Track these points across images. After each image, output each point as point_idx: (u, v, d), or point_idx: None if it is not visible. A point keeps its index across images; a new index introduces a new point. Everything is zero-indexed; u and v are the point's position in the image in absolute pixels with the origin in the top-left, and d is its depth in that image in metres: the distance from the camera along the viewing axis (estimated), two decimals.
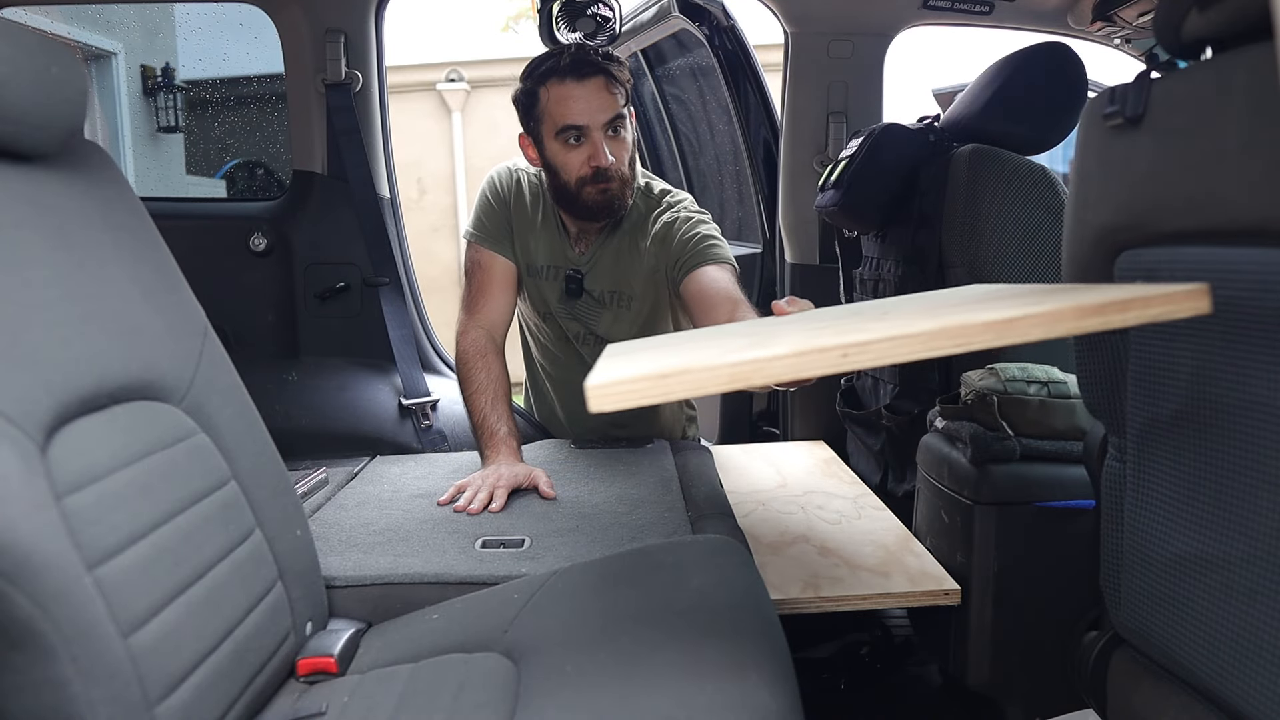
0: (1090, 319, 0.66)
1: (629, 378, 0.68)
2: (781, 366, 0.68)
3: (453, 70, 6.67)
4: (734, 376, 0.68)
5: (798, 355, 0.67)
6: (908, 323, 0.69)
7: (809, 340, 0.69)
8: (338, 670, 1.02)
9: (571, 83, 1.58)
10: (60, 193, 0.91)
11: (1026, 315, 0.65)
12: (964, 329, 0.66)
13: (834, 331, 0.73)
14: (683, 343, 0.95)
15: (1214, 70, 0.82)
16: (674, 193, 1.77)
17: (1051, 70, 1.72)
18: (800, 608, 1.30)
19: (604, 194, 1.63)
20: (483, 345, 1.69)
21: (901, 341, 0.66)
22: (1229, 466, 0.81)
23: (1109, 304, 0.66)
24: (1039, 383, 1.37)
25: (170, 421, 0.93)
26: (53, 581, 0.69)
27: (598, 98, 1.58)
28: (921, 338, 0.66)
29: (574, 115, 1.58)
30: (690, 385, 0.68)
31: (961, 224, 1.68)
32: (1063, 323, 0.65)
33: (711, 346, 0.82)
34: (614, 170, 1.61)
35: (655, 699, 0.81)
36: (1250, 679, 0.78)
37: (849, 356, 0.66)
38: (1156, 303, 0.66)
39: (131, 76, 4.15)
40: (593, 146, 1.60)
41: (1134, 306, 0.66)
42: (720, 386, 0.68)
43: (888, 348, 0.66)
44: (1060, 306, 0.65)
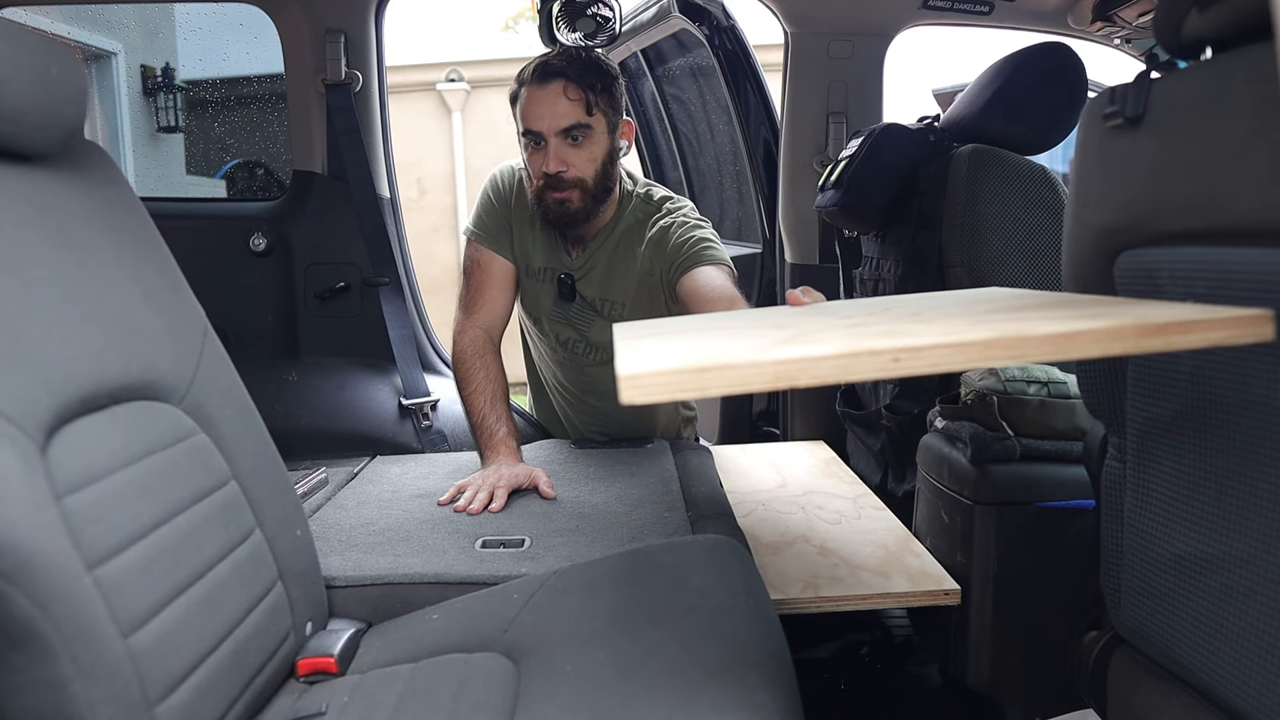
0: (1152, 338, 0.63)
1: (664, 369, 0.63)
2: (830, 367, 0.63)
3: (453, 70, 6.67)
4: (778, 375, 0.63)
5: (848, 356, 0.63)
6: (960, 329, 0.66)
7: (858, 341, 0.64)
8: (338, 670, 1.02)
9: (534, 86, 1.59)
10: (60, 193, 0.91)
11: (1088, 330, 0.62)
12: (1022, 340, 0.63)
13: (882, 333, 0.68)
14: (705, 329, 0.87)
15: (1214, 70, 0.82)
16: (675, 199, 1.77)
17: (1051, 70, 1.72)
18: (800, 608, 1.30)
19: (560, 204, 1.62)
20: (481, 345, 1.69)
21: (958, 349, 0.62)
22: (1229, 466, 0.81)
23: (1172, 324, 0.63)
24: (1039, 383, 1.37)
25: (170, 421, 0.93)
26: (53, 581, 0.70)
27: (555, 104, 1.57)
28: (978, 346, 0.62)
29: (531, 120, 1.59)
30: (731, 382, 0.63)
31: (961, 224, 1.68)
32: (1124, 341, 0.62)
33: (745, 338, 0.75)
34: (568, 178, 1.60)
35: (655, 699, 0.81)
36: (1250, 679, 0.78)
37: (900, 362, 0.62)
38: (1221, 326, 0.63)
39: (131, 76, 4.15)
40: (545, 153, 1.59)
41: (1197, 329, 0.63)
42: (763, 385, 0.63)
43: (944, 354, 0.62)
44: (1123, 323, 0.62)
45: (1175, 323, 0.63)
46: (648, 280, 1.73)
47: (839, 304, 1.00)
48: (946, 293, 1.02)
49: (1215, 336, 0.63)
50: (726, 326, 0.87)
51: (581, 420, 1.91)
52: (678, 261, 1.65)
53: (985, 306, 0.81)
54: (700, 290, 1.57)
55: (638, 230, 1.73)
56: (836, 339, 0.67)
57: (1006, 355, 0.62)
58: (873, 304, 0.95)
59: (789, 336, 0.71)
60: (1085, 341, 0.62)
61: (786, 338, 0.70)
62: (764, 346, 0.67)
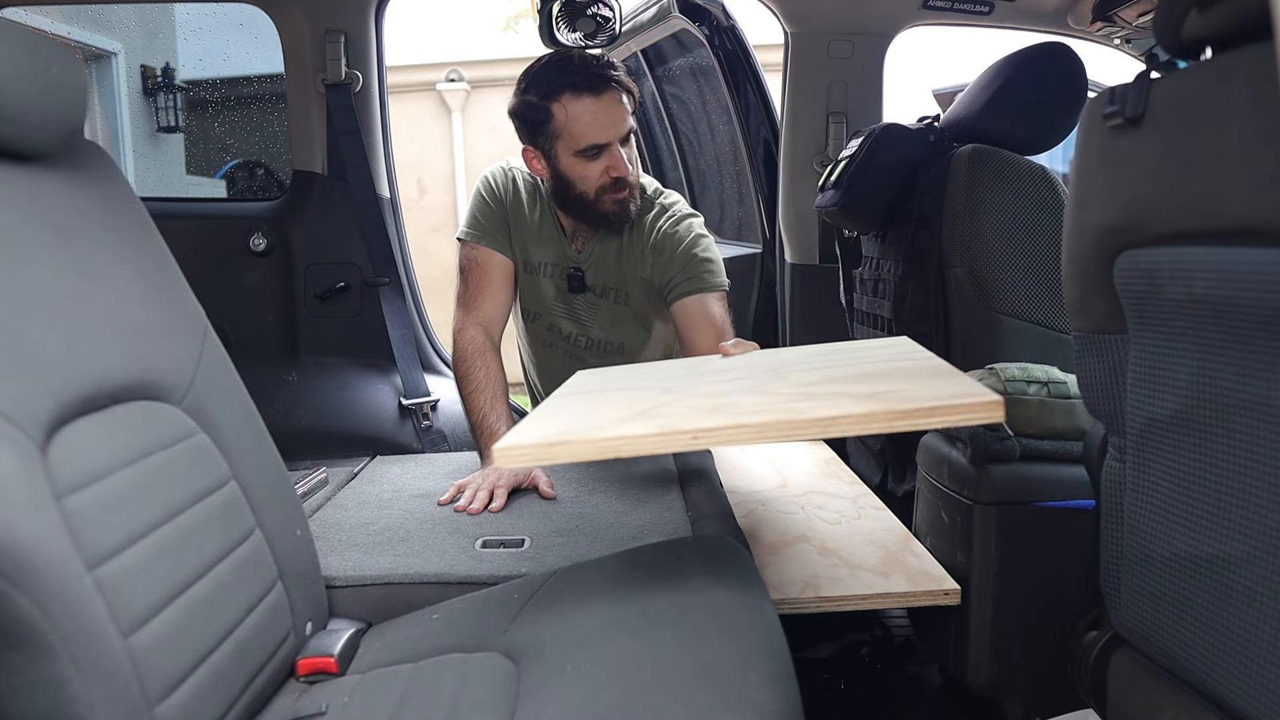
0: (899, 421, 0.82)
1: (523, 443, 0.86)
2: (646, 444, 0.86)
3: (453, 70, 6.66)
4: (604, 449, 0.84)
5: (658, 436, 0.85)
6: (758, 409, 0.89)
7: (672, 422, 0.87)
8: (338, 670, 1.02)
9: (589, 99, 1.57)
10: (60, 193, 0.91)
11: (847, 415, 0.82)
12: (793, 423, 0.84)
13: (708, 409, 0.94)
14: (605, 389, 1.13)
15: (1214, 70, 0.82)
16: (665, 193, 1.78)
17: (1051, 70, 1.72)
18: (800, 608, 1.30)
19: (620, 203, 1.65)
20: (480, 343, 1.69)
21: (740, 430, 0.83)
22: (1229, 466, 0.81)
23: (916, 410, 0.82)
24: (1039, 383, 1.36)
25: (170, 421, 0.93)
26: (53, 581, 0.69)
27: (616, 112, 1.59)
28: (755, 428, 0.83)
29: (598, 134, 1.59)
30: (570, 453, 0.85)
31: (961, 224, 1.68)
32: (876, 423, 0.82)
33: (615, 406, 1.00)
34: (629, 179, 1.64)
35: (655, 699, 0.81)
36: (1250, 679, 0.78)
37: (698, 439, 0.84)
38: (959, 411, 0.82)
39: (131, 76, 4.15)
40: (612, 159, 1.61)
41: (940, 413, 0.82)
42: (594, 457, 0.85)
43: (731, 434, 0.83)
44: (875, 409, 0.82)
45: (920, 409, 0.82)
46: (645, 280, 1.75)
47: (739, 362, 1.26)
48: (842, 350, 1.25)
49: (954, 419, 0.82)
50: (622, 388, 1.14)
51: None
52: (676, 281, 1.70)
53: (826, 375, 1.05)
54: (692, 319, 1.67)
55: (637, 223, 1.73)
56: (671, 415, 0.91)
57: (780, 435, 0.84)
58: (770, 364, 1.19)
59: (645, 409, 0.95)
60: (845, 424, 0.83)
61: (641, 411, 0.94)
62: (610, 423, 0.91)
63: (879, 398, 0.87)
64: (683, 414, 0.92)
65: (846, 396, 0.90)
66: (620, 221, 1.69)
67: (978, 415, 0.82)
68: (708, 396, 1.02)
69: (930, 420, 0.82)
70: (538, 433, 0.89)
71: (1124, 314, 0.94)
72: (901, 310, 1.84)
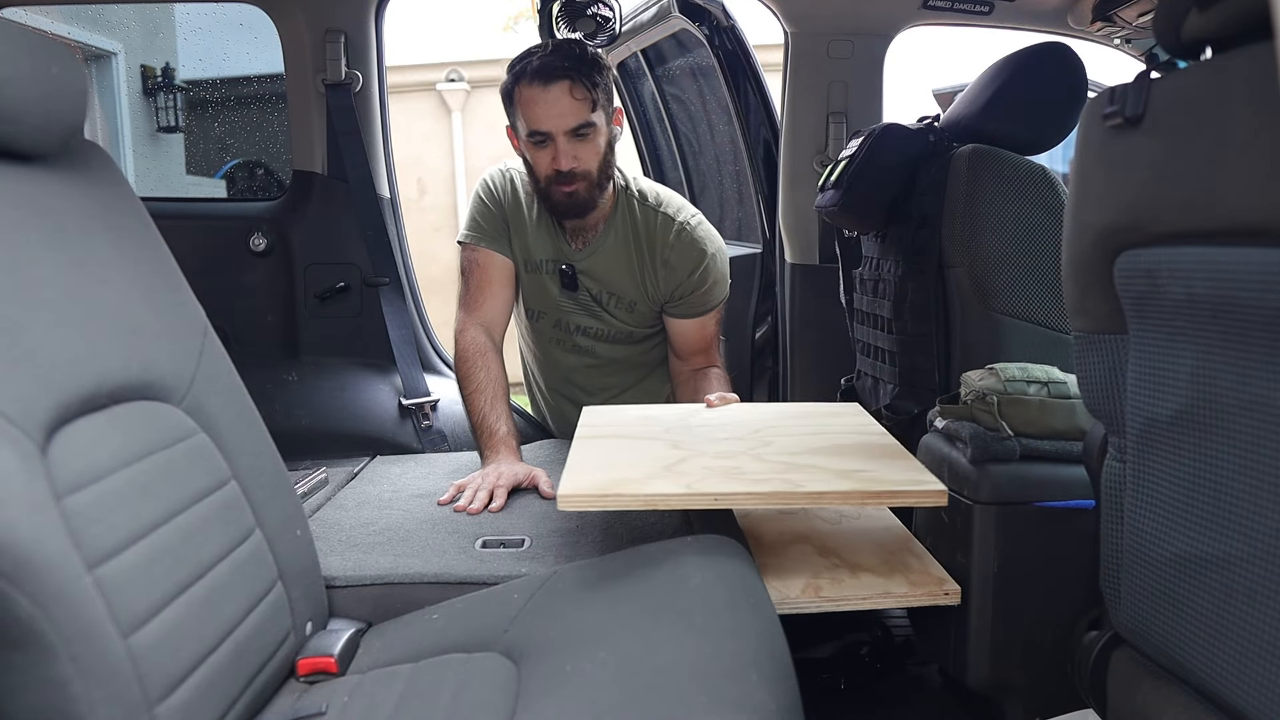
0: (870, 500, 1.20)
1: (584, 493, 1.11)
2: (677, 501, 1.14)
3: (453, 70, 6.66)
4: (646, 503, 1.12)
5: (689, 495, 1.13)
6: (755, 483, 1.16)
7: (696, 486, 1.14)
8: (338, 670, 1.02)
9: (537, 87, 1.59)
10: (60, 193, 0.91)
11: (831, 492, 1.16)
12: (791, 495, 1.15)
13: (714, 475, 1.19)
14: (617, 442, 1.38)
15: (1214, 70, 0.82)
16: (667, 201, 1.78)
17: (1051, 70, 1.72)
18: (800, 608, 1.30)
19: (569, 196, 1.66)
20: (482, 344, 1.70)
21: (750, 497, 1.14)
22: (1229, 466, 0.81)
23: (883, 493, 1.17)
24: (1039, 383, 1.36)
25: (170, 421, 0.93)
26: (53, 581, 0.69)
27: (561, 104, 1.59)
28: (762, 496, 1.14)
29: (538, 121, 1.60)
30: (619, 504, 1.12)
31: (961, 224, 1.68)
32: (852, 500, 1.22)
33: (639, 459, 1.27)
34: (577, 173, 1.63)
35: (655, 699, 0.81)
36: (1250, 679, 0.78)
37: (719, 501, 1.13)
38: (913, 496, 1.17)
39: (131, 76, 4.15)
40: (555, 150, 1.61)
41: (899, 497, 1.18)
42: (637, 508, 1.16)
43: (742, 499, 1.14)
44: (852, 489, 1.17)
45: (885, 492, 1.16)
46: (648, 288, 1.76)
47: (724, 418, 1.52)
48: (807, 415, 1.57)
49: (910, 502, 1.19)
50: (634, 436, 1.39)
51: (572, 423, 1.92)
52: (677, 302, 1.77)
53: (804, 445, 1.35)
54: (685, 337, 1.83)
55: (644, 233, 1.74)
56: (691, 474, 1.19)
57: (779, 503, 1.20)
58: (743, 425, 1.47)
59: (668, 465, 1.23)
60: (829, 499, 1.19)
61: (666, 467, 1.22)
62: (646, 477, 1.18)
63: (854, 477, 1.18)
64: (700, 475, 1.18)
65: (828, 473, 1.20)
66: (569, 214, 1.70)
67: (928, 501, 1.16)
68: (716, 457, 1.27)
69: (892, 501, 1.19)
70: (591, 482, 1.13)
71: (1124, 314, 0.94)
72: (901, 310, 1.84)
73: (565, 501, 1.09)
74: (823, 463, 1.24)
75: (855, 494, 1.14)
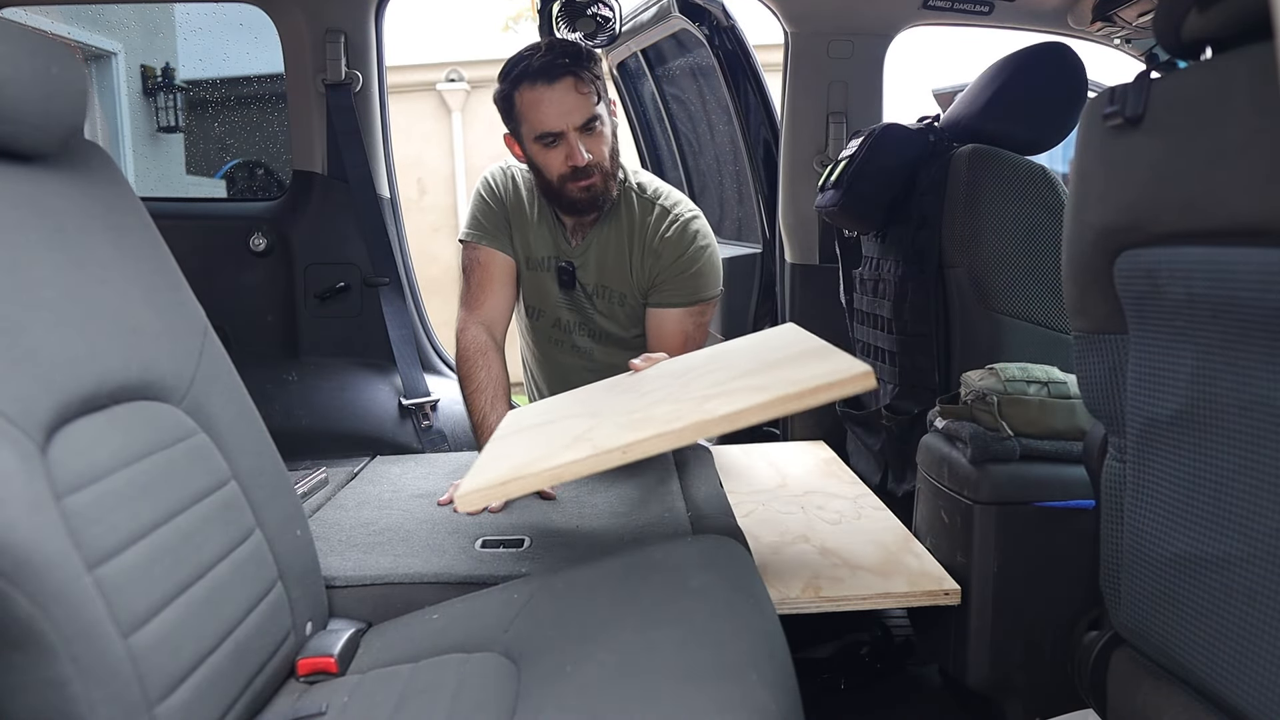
0: (791, 404, 0.96)
1: (481, 487, 1.02)
2: (584, 466, 1.00)
3: (453, 70, 6.66)
4: (551, 478, 1.02)
5: (595, 456, 0.99)
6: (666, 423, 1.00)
7: (601, 444, 1.01)
8: (338, 670, 1.02)
9: (542, 87, 1.58)
10: (60, 193, 0.91)
11: (747, 408, 0.96)
12: (705, 424, 0.98)
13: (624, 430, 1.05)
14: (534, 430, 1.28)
15: (1214, 70, 0.82)
16: (666, 194, 1.78)
17: (1051, 70, 1.72)
18: (800, 608, 1.30)
19: (586, 190, 1.65)
20: (483, 343, 1.70)
21: (661, 439, 0.98)
22: (1229, 466, 0.81)
23: (802, 393, 0.96)
24: (1039, 383, 1.36)
25: (170, 421, 0.93)
26: (53, 581, 0.69)
27: (568, 100, 1.59)
28: (674, 434, 0.98)
29: (547, 121, 1.60)
30: (523, 487, 1.02)
31: (961, 224, 1.68)
32: (772, 410, 0.96)
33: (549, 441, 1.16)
34: (593, 166, 1.63)
35: (655, 699, 0.81)
36: (1250, 679, 0.78)
37: (628, 453, 0.98)
38: (836, 387, 0.95)
39: (131, 76, 4.15)
40: (569, 147, 1.61)
41: (821, 391, 0.96)
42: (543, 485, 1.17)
43: (654, 443, 0.99)
44: (768, 399, 0.97)
45: (805, 390, 0.95)
46: (634, 278, 1.75)
47: (652, 373, 1.39)
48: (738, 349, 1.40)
49: (834, 394, 0.95)
50: (555, 420, 1.28)
51: None
52: (658, 291, 1.73)
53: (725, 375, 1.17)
54: (655, 326, 1.75)
55: (638, 225, 1.73)
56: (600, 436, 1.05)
57: (695, 435, 0.99)
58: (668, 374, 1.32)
59: (577, 436, 1.10)
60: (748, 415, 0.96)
61: (575, 437, 1.10)
62: (551, 453, 1.07)
63: (769, 388, 1.00)
64: (611, 434, 1.05)
65: (744, 391, 1.04)
66: (589, 209, 1.69)
67: (853, 387, 0.96)
68: (629, 413, 1.14)
69: (816, 398, 0.96)
70: (490, 474, 1.03)
71: (1124, 314, 0.94)
72: (901, 310, 1.84)
73: (464, 500, 1.02)
74: (740, 384, 1.11)
75: (774, 402, 0.97)
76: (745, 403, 0.97)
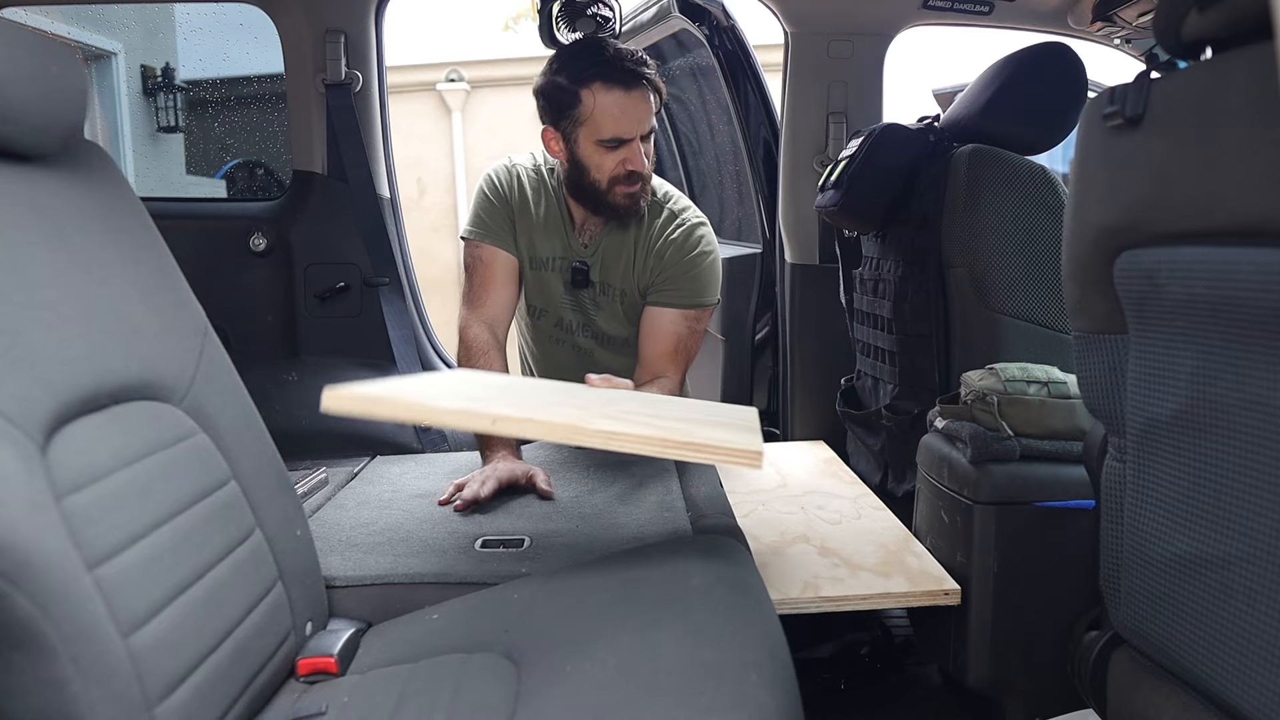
0: (670, 449, 0.94)
1: (351, 393, 0.96)
2: (449, 418, 0.99)
3: (453, 70, 6.66)
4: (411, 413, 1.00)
5: (462, 413, 0.97)
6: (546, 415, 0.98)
7: (477, 407, 0.98)
8: (338, 670, 1.02)
9: (620, 92, 1.59)
10: (60, 193, 0.91)
11: (625, 434, 0.94)
12: (578, 429, 0.94)
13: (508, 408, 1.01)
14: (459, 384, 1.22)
15: (1214, 70, 0.82)
16: (675, 198, 1.79)
17: (1051, 70, 1.72)
18: (800, 608, 1.30)
19: (631, 197, 1.67)
20: (484, 341, 1.70)
21: (528, 424, 0.97)
22: (1229, 466, 0.81)
23: (686, 444, 0.94)
24: (1039, 383, 1.37)
25: (170, 421, 0.93)
26: (53, 581, 0.69)
27: (642, 109, 1.61)
28: (544, 425, 0.96)
29: (623, 128, 1.60)
30: (388, 410, 0.98)
31: (961, 224, 1.68)
32: (650, 446, 0.94)
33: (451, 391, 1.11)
34: (646, 174, 1.66)
35: (655, 699, 0.81)
36: (1250, 679, 0.78)
37: (496, 424, 0.96)
38: (720, 451, 0.94)
39: (131, 76, 4.15)
40: (630, 153, 1.62)
41: (704, 450, 0.94)
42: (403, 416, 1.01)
43: (520, 425, 0.98)
44: (651, 435, 0.94)
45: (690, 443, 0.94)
46: (635, 275, 1.76)
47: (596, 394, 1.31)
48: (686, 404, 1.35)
49: (715, 458, 0.95)
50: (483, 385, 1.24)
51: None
52: (657, 290, 1.73)
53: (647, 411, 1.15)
54: (650, 326, 1.73)
55: (645, 226, 1.74)
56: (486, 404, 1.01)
57: (564, 437, 0.95)
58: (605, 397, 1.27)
59: (473, 397, 1.06)
60: (622, 441, 0.93)
61: (468, 397, 1.05)
62: (432, 397, 1.01)
63: (664, 430, 0.98)
64: (496, 407, 1.01)
65: (641, 424, 1.01)
66: (629, 214, 1.70)
67: (738, 461, 0.94)
68: (533, 405, 1.11)
69: (696, 454, 0.95)
70: (370, 389, 0.98)
71: (1124, 314, 0.94)
72: (901, 310, 1.84)
73: (330, 400, 0.96)
74: (645, 419, 1.06)
75: (654, 439, 0.93)
76: (625, 430, 0.95)
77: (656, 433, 0.95)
